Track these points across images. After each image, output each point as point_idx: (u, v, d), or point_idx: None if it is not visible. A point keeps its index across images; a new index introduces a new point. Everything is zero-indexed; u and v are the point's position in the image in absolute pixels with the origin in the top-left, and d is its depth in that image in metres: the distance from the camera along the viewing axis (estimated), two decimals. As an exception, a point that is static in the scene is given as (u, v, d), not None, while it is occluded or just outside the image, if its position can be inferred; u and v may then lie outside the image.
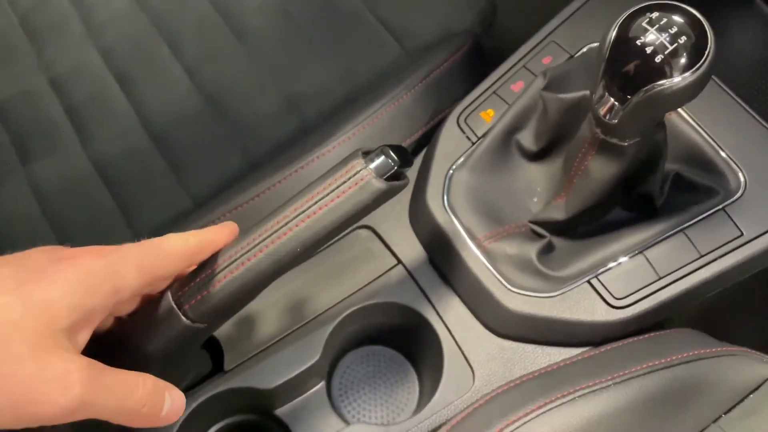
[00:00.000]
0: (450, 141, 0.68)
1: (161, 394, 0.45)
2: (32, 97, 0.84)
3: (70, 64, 0.85)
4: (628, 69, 0.46)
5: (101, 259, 0.42)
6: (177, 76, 0.82)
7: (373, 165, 0.50)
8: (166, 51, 0.84)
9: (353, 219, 0.51)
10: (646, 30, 0.45)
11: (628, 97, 0.47)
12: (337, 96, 0.78)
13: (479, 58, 0.80)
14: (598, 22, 0.69)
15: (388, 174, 0.51)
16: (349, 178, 0.50)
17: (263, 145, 0.77)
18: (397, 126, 0.71)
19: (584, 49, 0.68)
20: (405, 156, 0.52)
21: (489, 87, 0.70)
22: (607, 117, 0.50)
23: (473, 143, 0.67)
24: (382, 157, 0.51)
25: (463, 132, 0.68)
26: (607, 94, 0.49)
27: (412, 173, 0.71)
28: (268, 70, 0.81)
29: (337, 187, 0.50)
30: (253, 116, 0.78)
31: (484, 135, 0.67)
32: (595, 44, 0.68)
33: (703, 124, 0.62)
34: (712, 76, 0.64)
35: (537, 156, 0.66)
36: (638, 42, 0.45)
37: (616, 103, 0.48)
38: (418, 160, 0.71)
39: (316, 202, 0.50)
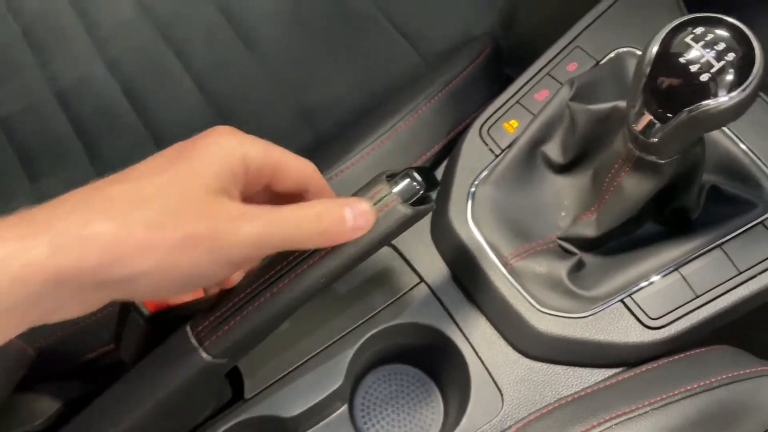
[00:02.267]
0: (472, 154, 0.66)
1: (337, 209, 0.44)
2: (38, 112, 0.82)
3: (75, 76, 0.83)
4: (670, 87, 0.43)
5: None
6: (186, 88, 0.79)
7: (397, 189, 0.48)
8: (174, 62, 0.81)
9: (378, 246, 0.49)
10: (690, 46, 0.42)
11: (669, 115, 0.45)
12: (353, 106, 0.76)
13: (500, 63, 0.77)
14: (624, 26, 0.66)
15: (414, 198, 0.49)
16: (375, 204, 0.48)
17: (278, 159, 0.74)
18: (417, 139, 0.69)
19: (611, 55, 0.65)
20: (431, 178, 0.50)
21: (512, 96, 0.67)
22: (645, 135, 0.47)
23: (497, 156, 0.65)
24: (407, 181, 0.49)
25: (486, 144, 0.66)
26: (646, 111, 0.46)
27: (432, 187, 0.69)
28: (280, 80, 0.78)
29: (363, 215, 0.48)
30: (265, 130, 0.75)
31: (509, 147, 0.64)
32: (623, 49, 0.65)
33: (740, 134, 0.59)
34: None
35: (564, 169, 0.64)
36: (682, 59, 0.42)
37: (656, 121, 0.46)
38: (438, 173, 0.69)
39: (341, 233, 0.48)
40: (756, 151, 0.59)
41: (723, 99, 0.42)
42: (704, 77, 0.42)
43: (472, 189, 0.64)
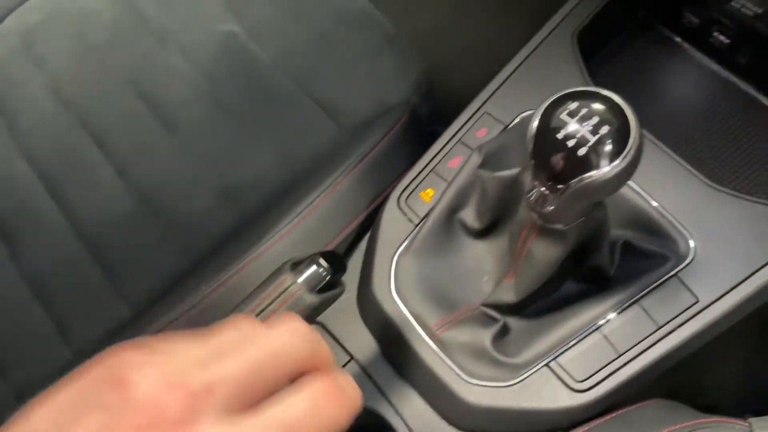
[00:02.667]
0: (392, 225, 0.66)
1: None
2: (-42, 213, 0.80)
3: (-4, 175, 0.82)
4: (554, 161, 0.44)
5: None
6: (108, 178, 0.79)
7: (302, 278, 0.48)
8: (95, 151, 0.80)
9: None
10: (567, 121, 0.43)
11: (559, 187, 0.45)
12: (276, 182, 0.75)
13: (418, 129, 0.78)
14: (528, 89, 0.68)
15: (321, 284, 0.48)
16: (278, 296, 0.47)
17: (202, 242, 0.73)
18: (336, 213, 0.69)
19: (517, 120, 0.66)
20: (338, 262, 0.50)
21: (426, 165, 0.67)
22: (541, 206, 0.47)
23: (416, 225, 0.65)
24: (313, 268, 0.48)
25: (405, 214, 0.66)
26: (537, 183, 0.46)
27: (357, 261, 0.68)
28: (202, 162, 0.78)
29: (266, 308, 0.47)
30: (189, 213, 0.75)
31: (426, 216, 0.64)
32: (528, 113, 0.66)
33: (646, 188, 0.60)
34: (648, 135, 0.63)
35: (482, 234, 0.64)
36: (560, 135, 0.43)
37: (548, 192, 0.46)
38: (362, 246, 0.69)
39: (245, 327, 0.47)
40: (664, 205, 0.60)
41: (605, 170, 0.43)
42: (582, 151, 0.42)
43: (394, 260, 0.64)
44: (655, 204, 0.60)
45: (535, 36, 0.70)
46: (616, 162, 0.43)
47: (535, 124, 0.44)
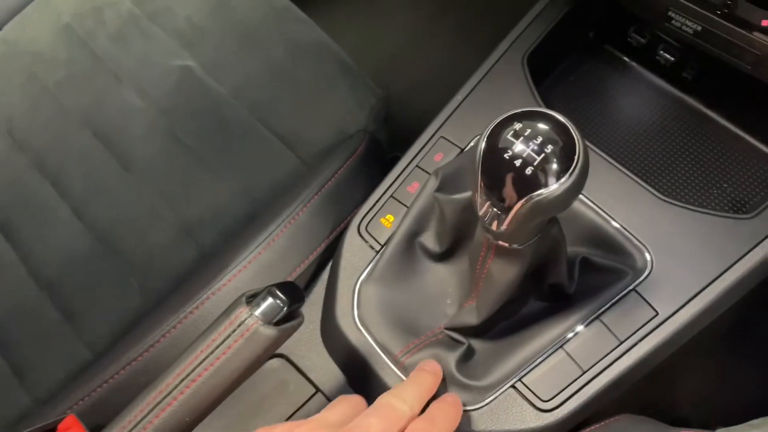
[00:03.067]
0: (353, 253, 0.65)
1: None
2: None
3: (-53, 218, 0.80)
4: (502, 181, 0.44)
5: None
6: (64, 218, 0.77)
7: (259, 311, 0.47)
8: (50, 192, 0.79)
9: (246, 373, 0.47)
10: (513, 142, 0.43)
11: (509, 206, 0.45)
12: (235, 216, 0.75)
13: (377, 156, 0.78)
14: (482, 113, 0.68)
15: (279, 316, 0.48)
16: (234, 330, 0.47)
17: (161, 279, 0.72)
18: (296, 244, 0.68)
19: (473, 143, 0.67)
20: (295, 293, 0.49)
21: (385, 191, 0.68)
22: (495, 226, 0.47)
23: (377, 252, 0.65)
24: (269, 300, 0.48)
25: (366, 241, 0.66)
26: (488, 204, 0.47)
27: (320, 291, 0.68)
28: (159, 198, 0.77)
29: (222, 342, 0.47)
30: (148, 250, 0.74)
31: (387, 242, 0.64)
32: (484, 135, 0.67)
33: (601, 205, 0.61)
34: (601, 153, 0.64)
35: (443, 257, 0.64)
36: (507, 154, 0.43)
37: (499, 212, 0.46)
38: (325, 276, 0.68)
39: (200, 363, 0.46)
40: (619, 221, 0.60)
41: (553, 187, 0.43)
42: (529, 170, 0.42)
43: (357, 288, 0.64)
44: (610, 220, 0.61)
45: (486, 61, 0.71)
46: (563, 179, 0.43)
47: (482, 146, 0.45)
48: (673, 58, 0.72)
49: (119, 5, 0.90)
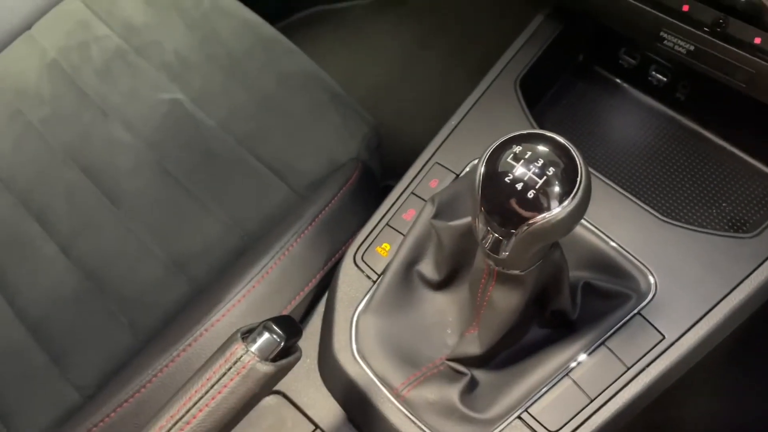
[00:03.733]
0: (350, 283, 0.64)
1: None
2: None
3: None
4: (504, 206, 0.43)
5: None
6: (50, 256, 0.75)
7: (255, 347, 0.45)
8: (36, 230, 0.77)
9: (242, 412, 0.45)
10: (513, 165, 0.42)
11: (512, 231, 0.44)
12: (227, 249, 0.73)
13: (370, 185, 0.77)
14: (476, 138, 0.68)
15: (275, 352, 0.46)
16: (230, 368, 0.45)
17: (152, 316, 0.70)
18: (290, 276, 0.66)
19: (468, 168, 0.66)
20: (292, 327, 0.47)
21: (381, 219, 0.66)
22: (495, 251, 0.46)
23: (374, 282, 0.63)
24: (265, 335, 0.46)
25: (362, 271, 0.64)
26: (489, 229, 0.45)
27: (317, 324, 0.66)
28: (148, 233, 0.75)
29: (218, 381, 0.45)
30: (137, 286, 0.72)
31: (384, 272, 0.63)
32: (477, 161, 0.66)
33: (602, 228, 0.60)
34: (598, 175, 0.64)
35: (442, 285, 0.62)
36: (507, 179, 0.42)
37: (501, 238, 0.45)
38: (321, 307, 0.66)
39: (195, 404, 0.44)
40: (621, 243, 0.59)
41: (556, 210, 0.42)
42: (531, 194, 0.41)
43: (354, 320, 0.62)
44: (612, 243, 0.59)
45: (479, 85, 0.70)
46: (566, 202, 0.42)
47: (482, 170, 0.44)
48: (665, 79, 0.72)
49: (106, 40, 0.89)
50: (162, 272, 0.72)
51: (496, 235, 0.45)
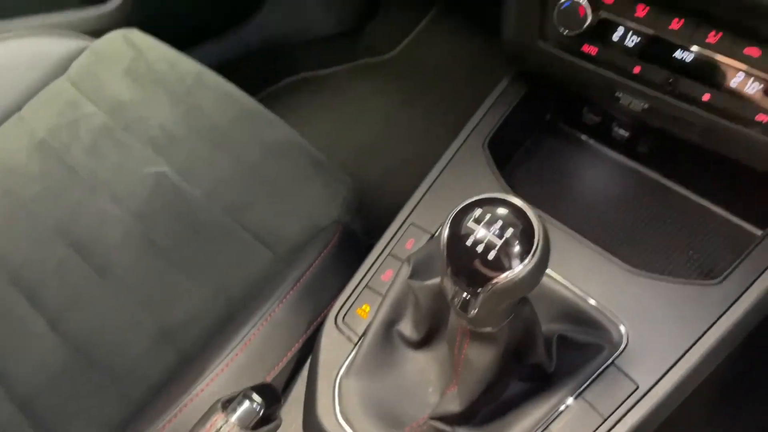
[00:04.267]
0: (331, 346, 0.65)
1: None
2: None
3: None
4: (468, 266, 0.45)
5: None
6: (40, 331, 0.76)
7: (235, 416, 0.46)
8: (25, 306, 0.79)
9: None
10: (475, 228, 0.44)
11: (478, 290, 0.46)
12: (213, 317, 0.75)
13: (352, 247, 0.79)
14: (450, 197, 0.70)
15: (255, 420, 0.47)
16: (211, 438, 0.46)
17: (141, 388, 0.71)
18: (272, 343, 0.68)
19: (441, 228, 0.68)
20: (272, 394, 0.49)
21: (360, 281, 0.68)
22: (464, 309, 0.48)
23: (355, 344, 0.64)
24: (245, 404, 0.47)
25: (343, 333, 0.66)
26: (457, 288, 0.47)
27: (300, 389, 0.67)
28: (136, 305, 0.76)
29: (200, 451, 0.45)
30: (126, 358, 0.73)
31: (364, 333, 0.64)
32: (452, 220, 0.68)
33: (574, 281, 0.62)
34: (568, 229, 0.66)
35: (422, 344, 0.64)
36: (469, 240, 0.44)
37: (469, 297, 0.47)
38: (305, 372, 0.67)
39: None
40: (592, 295, 0.61)
41: (517, 269, 0.44)
42: (492, 255, 0.44)
43: (337, 383, 0.63)
44: (582, 295, 0.61)
45: (450, 147, 0.73)
46: (526, 260, 0.44)
47: (446, 233, 0.46)
48: (627, 134, 0.75)
49: (94, 118, 0.92)
50: (150, 343, 0.74)
51: (464, 294, 0.47)
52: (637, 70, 0.62)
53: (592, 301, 0.61)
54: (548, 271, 0.63)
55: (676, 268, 0.69)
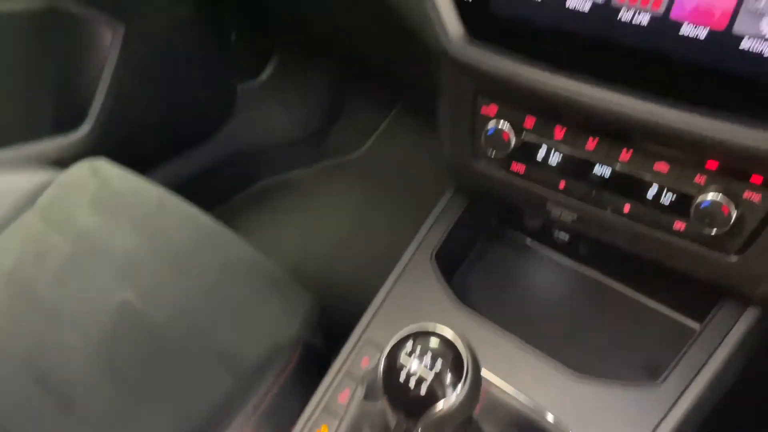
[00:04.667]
0: (292, 472, 0.66)
1: None
2: None
3: None
4: (403, 399, 0.47)
5: None
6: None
7: None
8: (-11, 445, 0.78)
9: None
10: (407, 362, 0.47)
11: (418, 419, 0.48)
12: (176, 447, 0.75)
13: (314, 364, 0.81)
14: (403, 311, 0.73)
15: None
16: None
17: None
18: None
19: (395, 345, 0.70)
20: None
21: (318, 403, 0.69)
22: (410, 437, 0.50)
23: (315, 469, 0.65)
24: None
25: (304, 458, 0.66)
26: (399, 419, 0.49)
27: None
28: (100, 437, 0.76)
29: None
30: (89, 496, 0.72)
31: (324, 457, 0.65)
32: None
33: (519, 389, 0.64)
34: (515, 337, 0.68)
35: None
36: (403, 375, 0.47)
37: (410, 426, 0.49)
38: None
39: None
40: (540, 403, 0.63)
41: (451, 399, 0.46)
42: (424, 388, 0.46)
43: None
44: (531, 404, 0.63)
45: (398, 263, 0.77)
46: (458, 390, 0.46)
47: (380, 368, 0.48)
48: (567, 237, 0.79)
49: (60, 249, 0.95)
50: (113, 478, 0.73)
51: (406, 424, 0.49)
52: (562, 185, 0.66)
53: (541, 411, 0.63)
54: (497, 381, 0.66)
55: (622, 368, 0.72)
